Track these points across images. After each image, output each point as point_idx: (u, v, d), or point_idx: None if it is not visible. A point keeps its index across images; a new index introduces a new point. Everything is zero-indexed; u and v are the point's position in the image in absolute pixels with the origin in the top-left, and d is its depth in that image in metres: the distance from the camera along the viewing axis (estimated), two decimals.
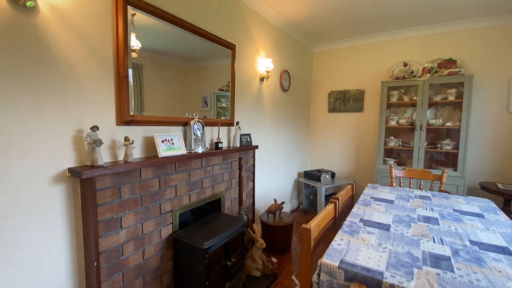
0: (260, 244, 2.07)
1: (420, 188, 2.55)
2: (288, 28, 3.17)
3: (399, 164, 3.33)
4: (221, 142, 2.06)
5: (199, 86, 2.00)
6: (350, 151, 3.87)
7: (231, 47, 2.25)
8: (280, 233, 2.45)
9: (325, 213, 1.41)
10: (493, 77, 2.89)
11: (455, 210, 1.60)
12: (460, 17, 2.92)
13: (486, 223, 1.38)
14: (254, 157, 2.48)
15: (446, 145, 2.99)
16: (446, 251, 1.08)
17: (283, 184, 3.44)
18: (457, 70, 2.90)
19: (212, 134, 2.12)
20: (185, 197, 1.74)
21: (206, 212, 2.01)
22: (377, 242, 1.15)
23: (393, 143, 3.31)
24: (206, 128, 1.93)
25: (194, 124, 1.80)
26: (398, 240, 1.18)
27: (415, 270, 0.94)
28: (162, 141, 1.58)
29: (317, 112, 4.10)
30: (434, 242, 1.16)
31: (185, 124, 1.83)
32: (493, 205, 1.72)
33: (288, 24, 3.08)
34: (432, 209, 1.62)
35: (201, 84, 2.02)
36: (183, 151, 1.67)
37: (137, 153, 1.53)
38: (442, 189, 2.38)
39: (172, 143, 1.63)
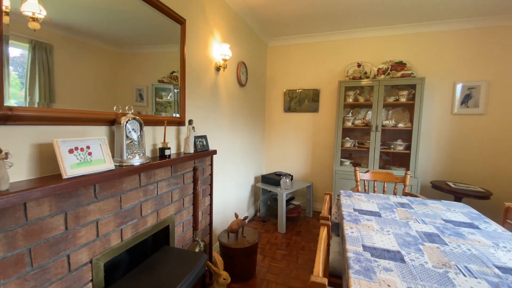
0: (224, 279, 1.60)
1: (384, 191, 2.49)
2: (244, 13, 2.74)
3: (355, 165, 3.30)
4: (169, 148, 1.50)
5: (132, 76, 1.40)
6: (307, 153, 3.70)
7: (180, 20, 1.69)
8: (244, 256, 2.01)
9: (323, 245, 1.05)
10: (440, 80, 3.08)
11: (446, 221, 1.45)
12: (411, 21, 3.01)
13: (489, 237, 1.24)
14: (212, 165, 1.98)
15: (399, 146, 3.05)
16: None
17: (240, 192, 3.02)
18: (409, 72, 2.98)
19: (155, 136, 1.53)
20: (113, 235, 1.14)
21: (149, 249, 1.43)
22: (403, 282, 0.85)
23: (349, 144, 3.25)
24: (145, 128, 1.35)
25: (127, 122, 1.20)
26: (426, 279, 0.89)
27: None
28: (71, 151, 0.96)
29: (273, 111, 3.81)
30: (465, 275, 0.92)
31: (112, 122, 1.21)
32: (473, 210, 1.66)
33: (245, 7, 2.66)
34: (423, 222, 1.44)
35: (135, 74, 1.43)
36: (108, 164, 1.07)
37: (22, 173, 0.88)
38: (406, 191, 2.34)
39: (89, 153, 1.02)
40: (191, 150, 1.73)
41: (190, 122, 1.74)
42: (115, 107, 1.23)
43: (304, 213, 3.51)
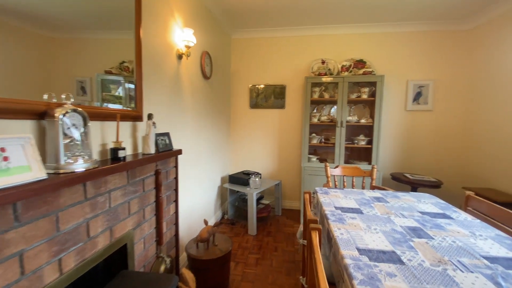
0: None
1: (353, 186, 2.53)
2: None
3: (321, 161, 3.33)
4: (123, 149, 1.22)
5: (71, 66, 1.09)
6: (274, 150, 3.62)
7: None
8: (217, 268, 1.80)
9: (317, 254, 0.92)
10: (395, 78, 3.27)
11: (422, 213, 1.47)
12: (369, 21, 3.13)
13: (464, 227, 1.27)
14: (176, 167, 1.71)
15: (361, 141, 3.16)
16: (483, 282, 0.80)
17: (207, 195, 2.77)
18: (370, 70, 3.09)
19: (105, 134, 1.23)
20: (48, 269, 0.84)
21: (102, 277, 1.13)
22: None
23: (316, 140, 3.26)
24: (92, 124, 1.06)
25: (64, 115, 0.90)
26: (431, 281, 0.83)
27: None
28: None
29: (238, 107, 3.63)
30: (462, 271, 0.88)
31: (42, 116, 0.90)
32: (439, 200, 1.74)
33: None
34: (403, 216, 1.43)
35: (76, 63, 1.11)
36: (37, 173, 0.77)
37: None
38: (374, 184, 2.41)
39: (5, 158, 0.71)
40: (152, 150, 1.45)
41: (150, 116, 1.46)
42: (46, 96, 0.92)
43: (274, 211, 3.43)
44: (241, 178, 3.05)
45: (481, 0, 2.55)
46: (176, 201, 1.72)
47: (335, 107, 3.27)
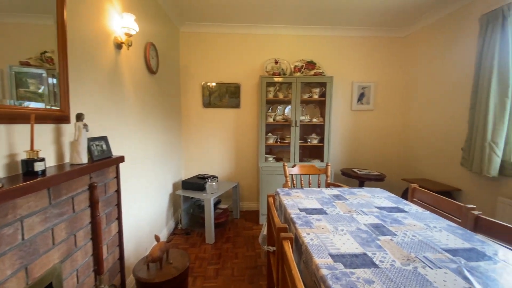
0: None
1: (309, 184, 2.57)
2: None
3: (277, 160, 3.33)
4: (42, 160, 0.93)
5: None
6: (230, 151, 3.48)
7: None
8: None
9: (295, 270, 0.82)
10: (342, 80, 3.46)
11: (379, 208, 1.53)
12: (318, 23, 3.24)
13: (418, 219, 1.35)
14: (118, 177, 1.43)
15: (314, 139, 3.26)
16: (453, 278, 0.83)
17: (157, 205, 2.48)
18: (321, 71, 3.20)
19: (13, 141, 0.92)
20: None
21: None
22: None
23: (272, 139, 3.24)
24: None
25: None
26: (406, 283, 0.82)
27: None
28: None
29: (190, 106, 3.37)
30: (431, 268, 0.90)
31: None
32: (390, 193, 1.85)
33: None
34: (364, 213, 1.46)
35: None
36: None
37: None
38: (329, 181, 2.48)
39: None
40: (84, 159, 1.16)
41: (80, 117, 1.17)
42: None
43: (232, 215, 3.29)
44: (196, 183, 2.82)
45: (414, 11, 2.86)
46: (119, 218, 1.44)
47: (289, 106, 3.30)
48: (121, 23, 1.64)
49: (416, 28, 3.17)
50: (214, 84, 3.35)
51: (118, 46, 1.67)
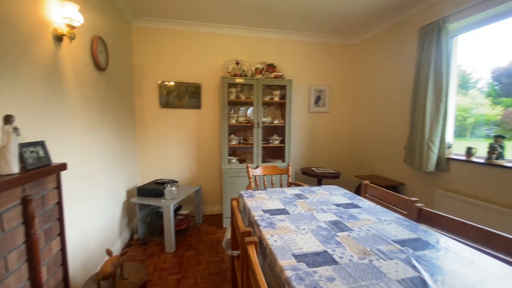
0: None
1: (272, 184, 2.60)
2: None
3: (241, 161, 3.31)
4: None
5: None
6: (191, 153, 3.35)
7: None
8: None
9: (259, 276, 0.81)
10: (300, 83, 3.60)
11: (337, 205, 1.61)
12: (277, 27, 3.31)
13: (371, 214, 1.46)
14: (59, 187, 1.26)
15: (276, 140, 3.33)
16: (403, 268, 0.90)
17: (109, 215, 2.26)
18: (281, 74, 3.28)
19: None
20: None
21: None
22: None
23: (235, 141, 3.21)
24: None
25: None
26: (363, 277, 0.87)
27: None
28: None
29: (146, 107, 3.16)
30: (384, 259, 0.98)
31: None
32: (345, 190, 1.96)
33: None
34: (323, 210, 1.53)
35: None
36: None
37: None
38: (290, 181, 2.55)
39: None
40: (14, 169, 0.99)
41: (8, 119, 1.00)
42: None
43: (194, 221, 3.16)
44: (153, 189, 2.65)
45: (363, 21, 3.10)
46: (61, 233, 1.26)
47: (252, 108, 3.31)
48: (62, 13, 1.45)
49: (365, 36, 3.46)
50: (172, 83, 3.19)
51: (58, 38, 1.47)
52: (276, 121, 3.34)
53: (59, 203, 1.25)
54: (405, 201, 1.55)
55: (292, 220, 1.38)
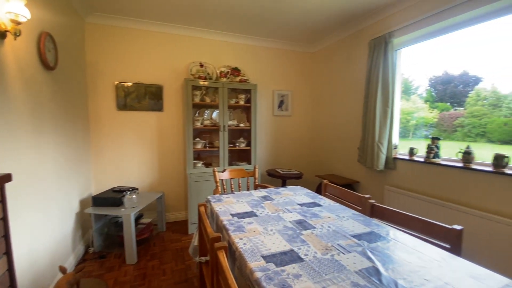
0: None
1: (239, 187, 2.63)
2: None
3: (206, 165, 3.26)
4: None
5: None
6: (152, 158, 3.20)
7: None
8: None
9: (231, 280, 0.83)
10: (264, 88, 3.69)
11: (300, 205, 1.71)
12: (244, 33, 3.37)
13: (331, 211, 1.57)
14: (4, 201, 1.11)
15: (242, 143, 3.37)
16: (360, 260, 1.01)
17: (60, 228, 2.05)
18: (246, 78, 3.33)
19: None
20: None
21: None
22: (316, 284, 0.84)
23: (200, 144, 3.16)
24: None
25: None
26: (327, 271, 0.94)
27: None
28: None
29: (101, 109, 2.93)
30: (343, 253, 1.07)
31: None
32: (307, 190, 2.08)
33: None
34: (288, 210, 1.60)
35: None
36: None
37: None
38: (257, 183, 2.60)
39: None
40: None
41: None
42: None
43: (157, 229, 3.02)
44: (110, 198, 2.47)
45: (320, 31, 3.32)
46: (8, 252, 1.11)
47: (217, 111, 3.30)
48: (7, 7, 1.29)
49: (323, 45, 3.70)
50: (131, 84, 3.02)
51: (1, 35, 1.30)
52: (242, 124, 3.38)
53: (4, 219, 1.10)
54: (359, 198, 1.71)
55: (260, 222, 1.42)
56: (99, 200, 2.47)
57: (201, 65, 3.27)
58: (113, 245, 2.60)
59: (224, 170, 2.51)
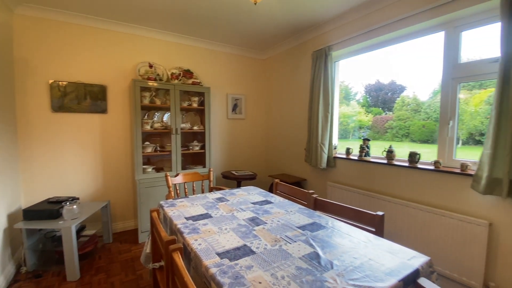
0: None
1: (193, 191, 2.63)
2: None
3: (158, 170, 3.15)
4: None
5: None
6: (95, 164, 2.95)
7: None
8: None
9: (187, 277, 0.88)
10: (218, 91, 3.74)
11: (253, 204, 1.82)
12: (197, 36, 3.36)
13: (281, 207, 1.72)
14: None
15: (196, 146, 3.35)
16: (304, 247, 1.16)
17: None
18: (198, 81, 3.33)
19: None
20: None
21: None
22: (266, 272, 0.95)
23: (150, 148, 3.04)
24: None
25: None
26: (275, 260, 1.06)
27: None
28: None
29: (32, 111, 2.59)
30: (290, 243, 1.21)
31: None
32: (260, 189, 2.21)
33: None
34: (242, 209, 1.69)
35: None
36: None
37: None
38: (212, 186, 2.64)
39: None
40: None
41: None
42: None
43: (102, 241, 2.80)
44: (46, 210, 2.21)
45: (270, 40, 3.52)
46: None
47: (168, 113, 3.22)
48: None
49: (273, 53, 3.93)
50: (68, 83, 2.74)
51: None
52: (195, 127, 3.36)
53: None
54: (305, 193, 1.90)
55: (215, 222, 1.48)
56: (31, 213, 2.19)
57: (151, 66, 3.15)
58: (50, 262, 2.32)
59: (177, 174, 2.48)
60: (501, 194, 1.61)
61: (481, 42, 1.95)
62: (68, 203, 2.30)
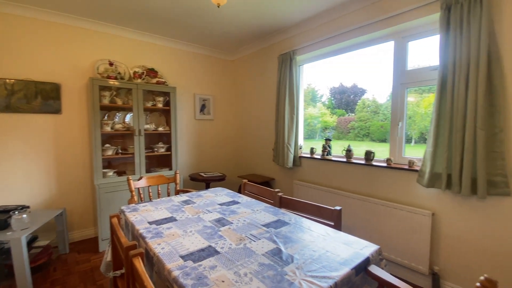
0: None
1: (158, 194, 2.55)
2: None
3: (119, 174, 3.00)
4: None
5: None
6: (49, 169, 2.71)
7: None
8: None
9: (147, 282, 0.87)
10: (185, 91, 3.66)
11: (220, 204, 1.82)
12: (162, 34, 3.26)
13: (248, 207, 1.76)
14: None
15: (161, 148, 3.25)
16: (267, 244, 1.20)
17: None
18: (163, 80, 3.23)
19: None
20: None
21: None
22: (229, 270, 0.97)
23: (111, 151, 2.88)
24: None
25: None
26: (239, 258, 1.09)
27: None
28: None
29: None
30: (254, 241, 1.24)
31: None
32: (228, 190, 2.22)
33: None
34: (209, 211, 1.69)
35: None
36: None
37: None
38: (178, 188, 2.58)
39: None
40: None
41: None
42: None
43: (57, 251, 2.57)
44: None
45: (238, 42, 3.55)
46: None
47: (131, 114, 3.08)
48: None
49: (241, 55, 3.96)
50: (16, 80, 2.49)
51: None
52: (161, 128, 3.25)
53: None
54: (271, 192, 1.96)
55: (180, 225, 1.46)
56: None
57: (111, 64, 2.99)
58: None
59: (140, 178, 2.38)
60: (441, 187, 1.82)
61: (425, 51, 2.19)
62: (17, 212, 2.08)
